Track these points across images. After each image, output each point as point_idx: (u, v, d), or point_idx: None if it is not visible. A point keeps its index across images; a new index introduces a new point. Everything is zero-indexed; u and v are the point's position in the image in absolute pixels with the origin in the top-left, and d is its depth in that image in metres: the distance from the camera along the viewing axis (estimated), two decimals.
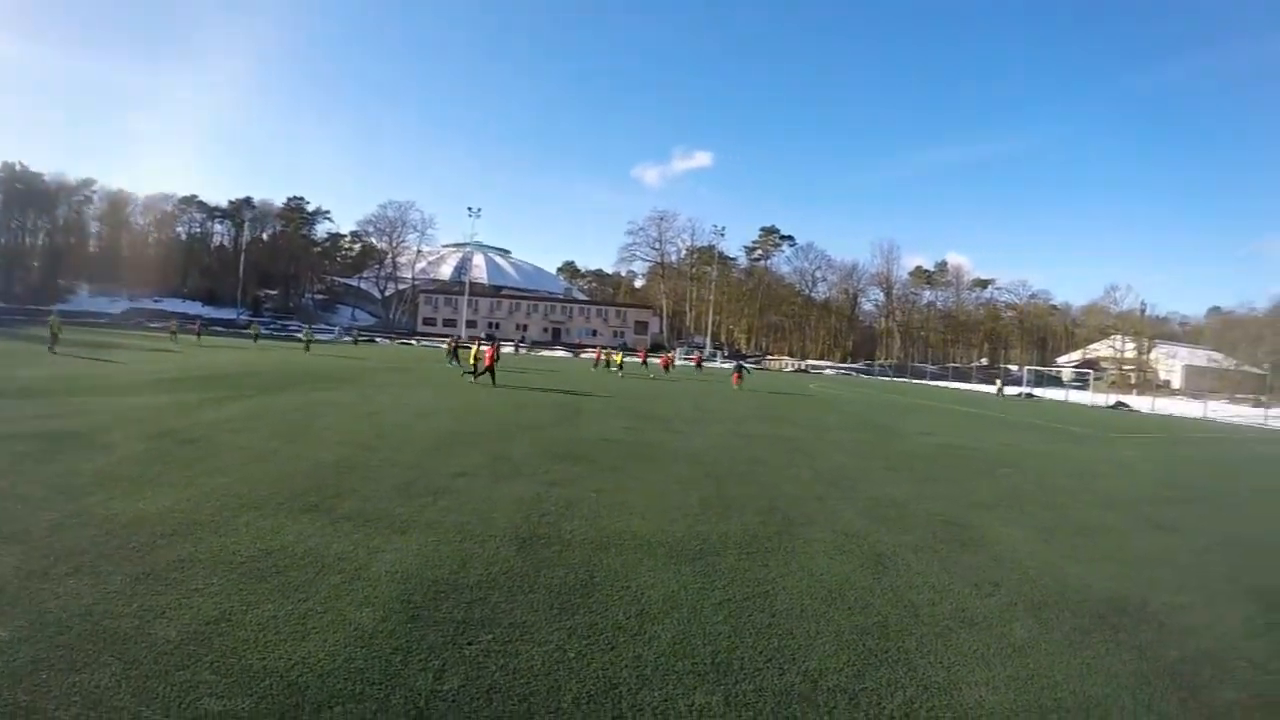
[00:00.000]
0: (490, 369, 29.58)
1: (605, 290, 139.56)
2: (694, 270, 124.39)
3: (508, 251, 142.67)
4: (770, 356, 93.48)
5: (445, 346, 51.29)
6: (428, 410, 19.58)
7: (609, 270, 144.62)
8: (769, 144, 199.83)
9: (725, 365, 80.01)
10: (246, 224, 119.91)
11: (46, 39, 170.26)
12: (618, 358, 48.66)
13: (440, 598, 5.86)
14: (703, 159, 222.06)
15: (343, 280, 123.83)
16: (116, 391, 18.85)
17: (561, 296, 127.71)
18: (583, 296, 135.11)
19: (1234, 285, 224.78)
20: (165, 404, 16.73)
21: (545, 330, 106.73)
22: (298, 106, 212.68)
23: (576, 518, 8.91)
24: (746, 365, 52.75)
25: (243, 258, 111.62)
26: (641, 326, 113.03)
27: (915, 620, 6.26)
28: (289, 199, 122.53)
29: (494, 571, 6.65)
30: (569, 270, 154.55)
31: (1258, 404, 67.31)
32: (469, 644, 5.02)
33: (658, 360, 54.68)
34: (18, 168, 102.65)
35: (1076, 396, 68.92)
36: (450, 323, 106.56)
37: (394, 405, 20.29)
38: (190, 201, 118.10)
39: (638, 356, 58.10)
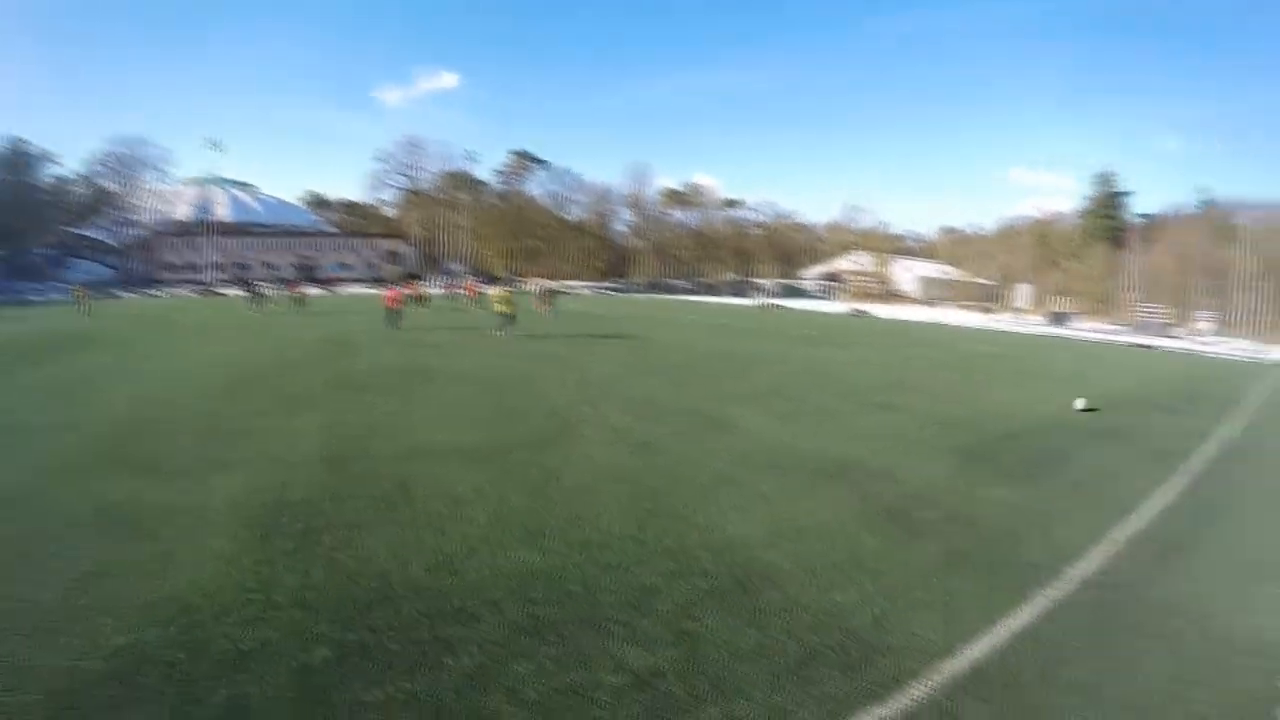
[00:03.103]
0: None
1: (354, 221, 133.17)
2: (447, 197, 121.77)
3: (251, 186, 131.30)
4: (523, 279, 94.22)
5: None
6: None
7: (359, 200, 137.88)
8: (517, 66, 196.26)
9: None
10: None
11: None
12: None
13: (277, 516, 6.61)
14: (449, 80, 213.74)
15: (74, 230, 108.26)
16: None
17: (308, 229, 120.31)
18: (332, 229, 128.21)
19: (962, 209, 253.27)
20: None
21: (297, 267, 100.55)
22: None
23: (378, 437, 9.80)
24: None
25: None
26: (394, 257, 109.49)
27: (680, 485, 7.98)
28: (6, 140, 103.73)
29: (315, 489, 7.45)
30: (316, 202, 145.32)
31: (985, 310, 78.08)
32: (317, 545, 5.91)
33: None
34: None
35: (820, 306, 76.44)
36: (194, 267, 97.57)
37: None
38: None
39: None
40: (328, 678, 4.07)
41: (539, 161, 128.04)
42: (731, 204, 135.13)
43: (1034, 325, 62.18)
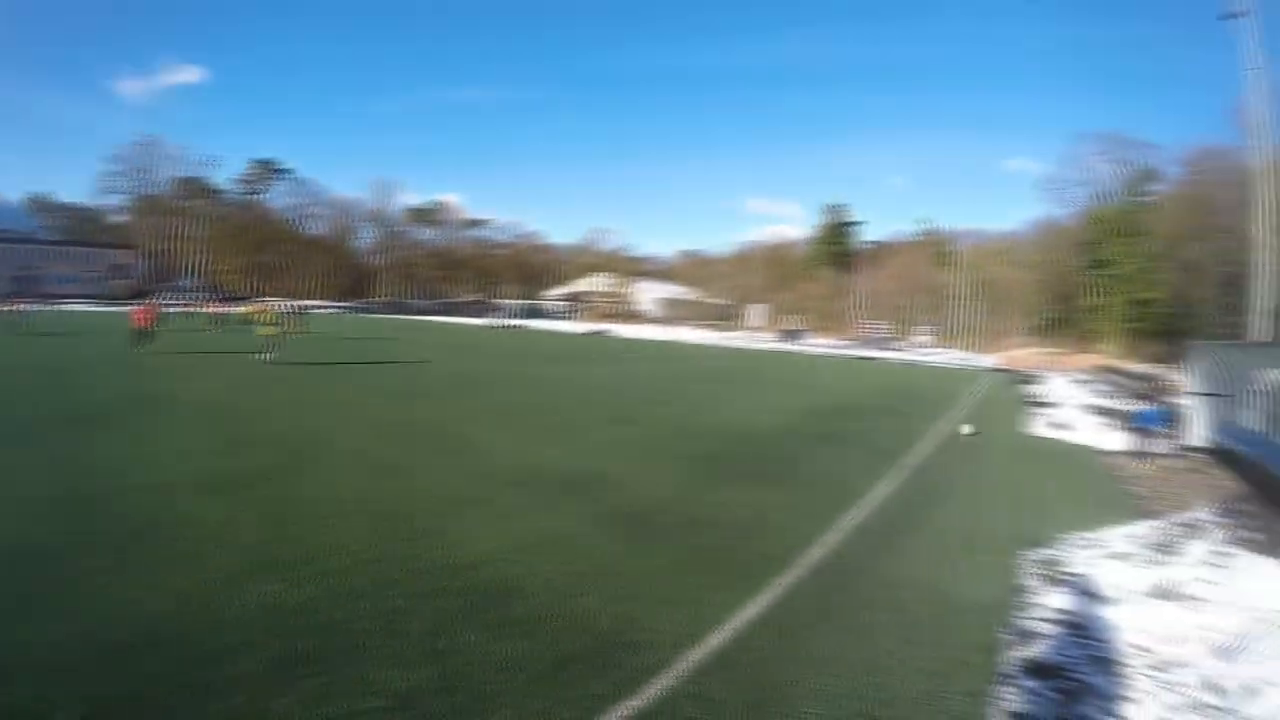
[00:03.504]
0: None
1: (82, 228, 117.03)
2: (183, 205, 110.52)
3: None
4: (265, 298, 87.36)
5: None
6: None
7: (89, 205, 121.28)
8: (266, 66, 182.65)
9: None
10: None
11: None
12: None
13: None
14: (192, 74, 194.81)
15: None
16: None
17: (30, 236, 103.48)
18: (55, 237, 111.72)
19: (700, 235, 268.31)
20: None
21: (15, 279, 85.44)
22: None
23: (111, 474, 8.56)
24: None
25: None
26: (120, 270, 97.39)
27: (425, 507, 7.88)
28: None
29: (56, 532, 6.44)
30: (39, 205, 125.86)
31: (721, 329, 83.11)
32: (45, 597, 5.12)
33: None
34: None
35: (561, 326, 77.79)
36: None
37: None
38: None
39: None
40: None
41: (282, 171, 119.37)
42: (476, 223, 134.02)
43: (767, 342, 67.43)
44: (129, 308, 28.96)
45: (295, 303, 65.40)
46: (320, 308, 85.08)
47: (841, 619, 5.59)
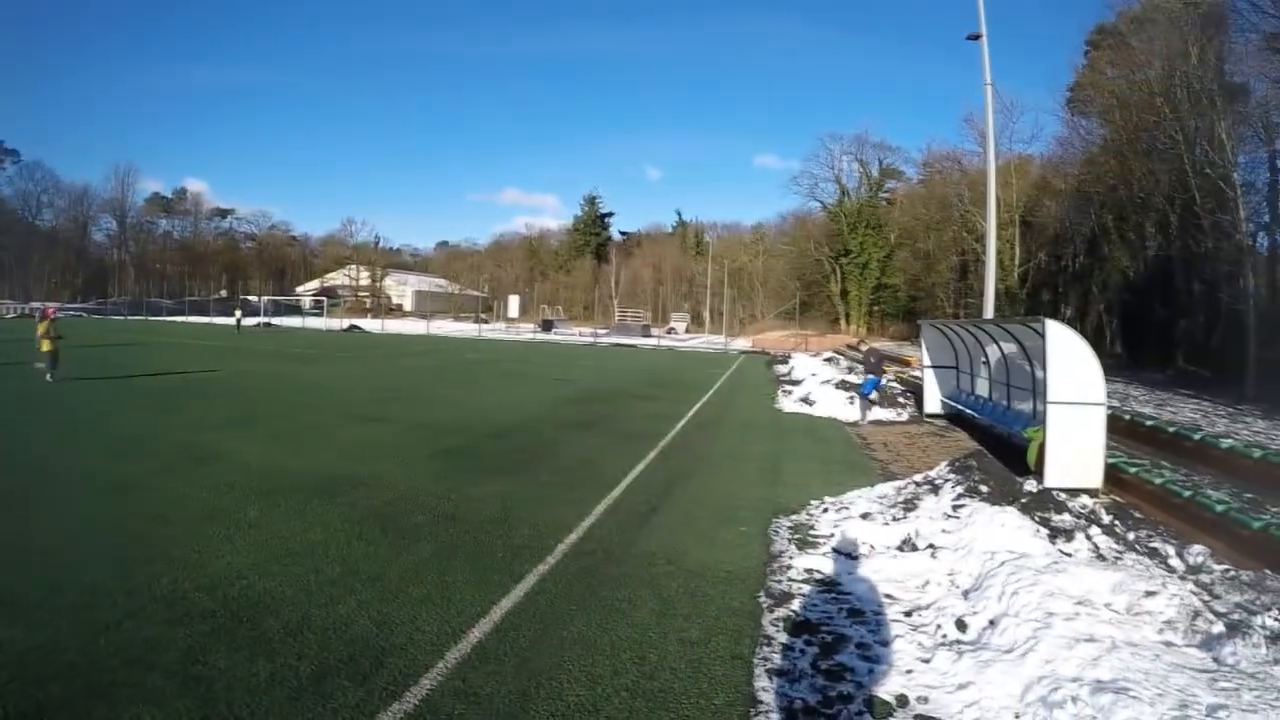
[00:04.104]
0: None
1: None
2: None
3: None
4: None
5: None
6: None
7: None
8: None
9: None
10: None
11: None
12: None
13: None
14: None
15: None
16: None
17: None
18: None
19: (458, 226, 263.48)
20: None
21: None
22: None
23: None
24: None
25: None
26: None
27: (166, 526, 7.41)
28: None
29: None
30: None
31: (479, 321, 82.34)
32: None
33: None
34: None
35: (314, 323, 74.34)
36: None
37: None
38: None
39: None
40: None
41: (7, 152, 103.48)
42: (223, 213, 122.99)
43: (525, 333, 67.93)
44: None
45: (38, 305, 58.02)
46: (57, 309, 75.31)
47: (598, 599, 5.94)
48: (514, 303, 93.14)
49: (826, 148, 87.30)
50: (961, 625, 5.41)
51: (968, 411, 16.46)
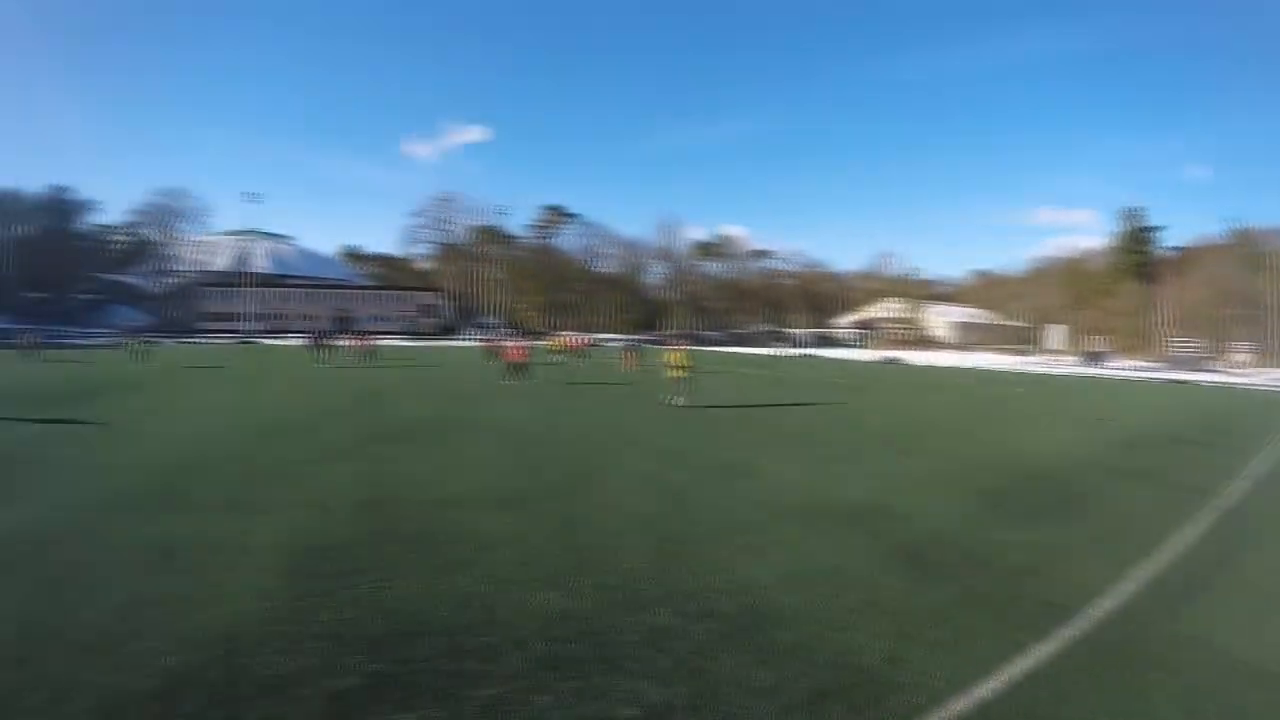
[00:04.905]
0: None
1: (390, 274, 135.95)
2: (480, 251, 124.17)
3: (290, 239, 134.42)
4: (559, 332, 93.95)
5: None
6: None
7: (394, 254, 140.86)
8: (544, 120, 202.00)
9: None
10: (7, 219, 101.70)
11: None
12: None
13: (317, 558, 6.90)
14: (477, 133, 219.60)
15: (113, 278, 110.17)
16: None
17: (346, 283, 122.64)
18: (368, 282, 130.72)
19: (989, 252, 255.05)
20: None
21: (333, 319, 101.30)
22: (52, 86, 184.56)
23: (412, 485, 10.19)
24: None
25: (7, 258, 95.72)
26: (429, 310, 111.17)
27: (702, 531, 8.14)
28: (51, 189, 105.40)
29: (355, 533, 7.74)
30: (353, 255, 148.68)
31: (1019, 353, 77.74)
32: (354, 586, 6.15)
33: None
34: None
35: (853, 354, 76.35)
36: (233, 316, 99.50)
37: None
38: None
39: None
40: (356, 702, 4.30)
41: (570, 216, 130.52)
42: (761, 254, 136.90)
43: (1068, 366, 62.40)
44: (492, 342, 36.63)
45: (588, 336, 69.54)
46: (613, 340, 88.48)
47: (1121, 679, 4.95)
48: (1055, 333, 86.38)
49: None
50: None
51: None
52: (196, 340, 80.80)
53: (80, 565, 6.61)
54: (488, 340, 45.86)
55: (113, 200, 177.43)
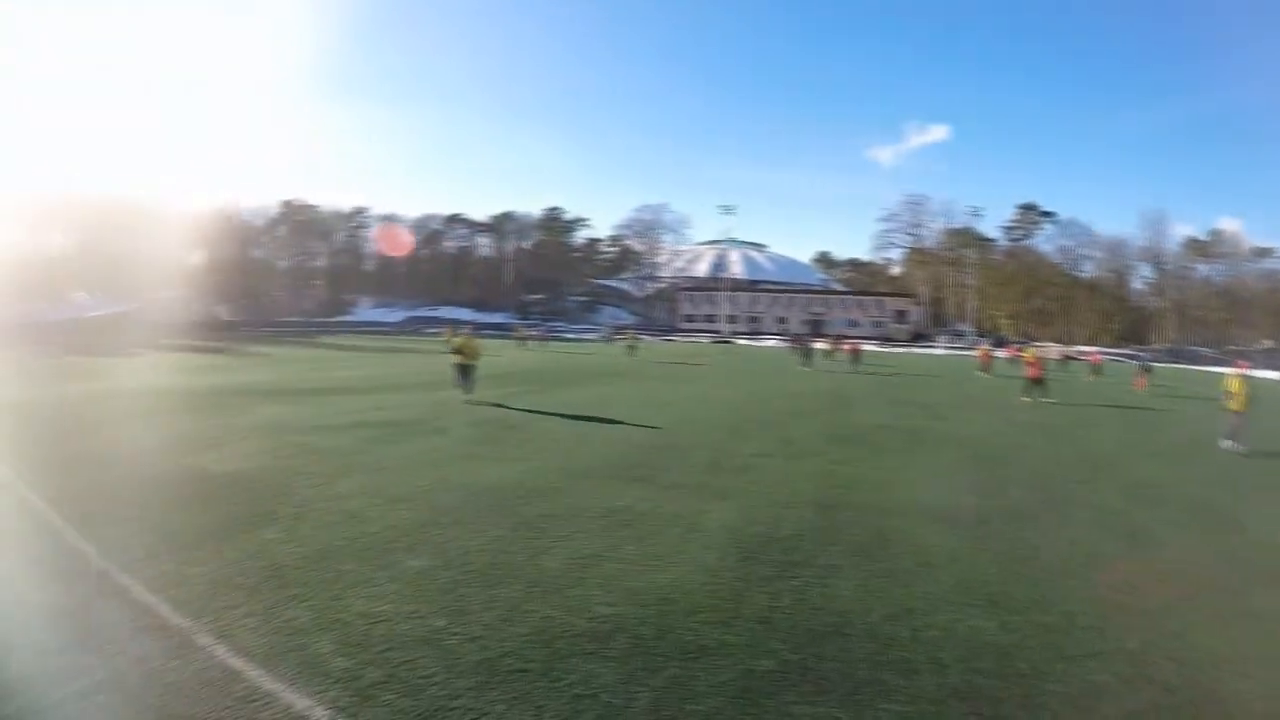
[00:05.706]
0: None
1: (861, 279, 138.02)
2: (951, 255, 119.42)
3: (763, 246, 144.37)
4: (1036, 343, 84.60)
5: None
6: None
7: (864, 259, 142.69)
8: (1007, 110, 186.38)
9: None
10: (509, 235, 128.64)
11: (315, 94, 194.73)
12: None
13: (763, 545, 7.70)
14: (939, 133, 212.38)
15: (602, 282, 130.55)
16: None
17: (818, 288, 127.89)
18: (839, 287, 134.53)
19: None
20: None
21: (805, 323, 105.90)
22: (542, 130, 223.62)
23: (863, 489, 10.71)
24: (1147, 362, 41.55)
25: (509, 266, 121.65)
26: (901, 315, 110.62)
27: (1159, 584, 7.12)
28: (547, 210, 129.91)
29: (802, 528, 8.45)
30: (824, 261, 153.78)
31: None
32: (793, 578, 6.75)
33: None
34: (295, 202, 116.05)
35: None
36: (710, 318, 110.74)
37: None
38: (456, 219, 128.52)
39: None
40: (766, 685, 4.70)
41: (1046, 214, 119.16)
42: (1263, 253, 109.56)
43: None
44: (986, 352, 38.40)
45: (1067, 349, 63.20)
46: (1094, 353, 77.21)
47: None
48: None
49: None
50: None
51: None
52: (676, 339, 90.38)
53: (554, 518, 8.24)
54: (983, 350, 43.95)
55: (600, 218, 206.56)
